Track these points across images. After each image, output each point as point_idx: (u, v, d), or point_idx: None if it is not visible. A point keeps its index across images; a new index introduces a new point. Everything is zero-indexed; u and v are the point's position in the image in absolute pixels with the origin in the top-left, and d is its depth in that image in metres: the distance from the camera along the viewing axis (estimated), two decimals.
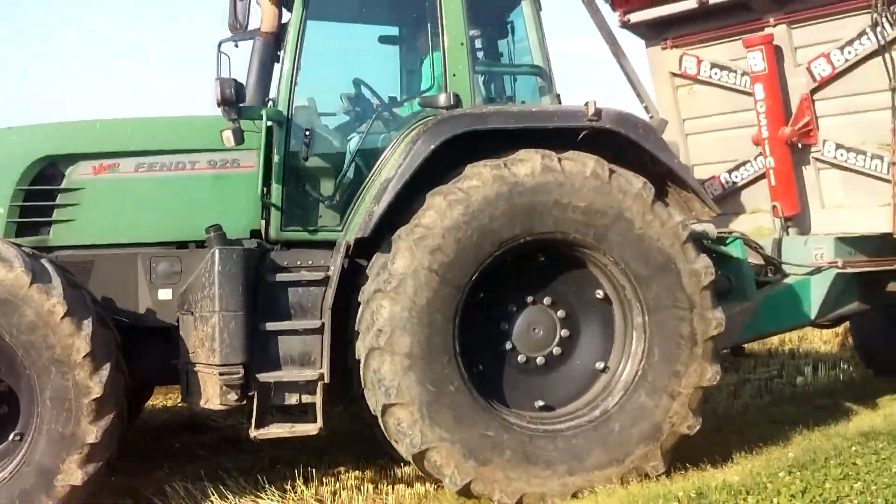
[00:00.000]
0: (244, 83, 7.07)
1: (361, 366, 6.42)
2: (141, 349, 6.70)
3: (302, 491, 6.89)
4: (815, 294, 8.58)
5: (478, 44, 7.97)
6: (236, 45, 7.31)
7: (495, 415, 6.52)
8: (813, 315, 8.64)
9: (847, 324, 11.31)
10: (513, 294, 6.79)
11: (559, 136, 6.74)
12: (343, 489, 6.94)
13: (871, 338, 10.99)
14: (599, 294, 6.83)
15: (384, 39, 7.97)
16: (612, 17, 9.63)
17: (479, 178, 6.37)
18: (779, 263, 8.71)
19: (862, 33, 8.21)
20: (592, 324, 6.88)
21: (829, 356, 12.40)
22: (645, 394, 6.64)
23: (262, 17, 7.18)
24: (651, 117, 9.91)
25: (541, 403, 6.76)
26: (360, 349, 6.40)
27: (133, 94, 33.39)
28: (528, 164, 6.44)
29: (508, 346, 6.80)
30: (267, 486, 6.93)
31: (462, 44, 7.01)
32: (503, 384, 6.78)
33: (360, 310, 6.45)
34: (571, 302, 6.86)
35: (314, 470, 7.27)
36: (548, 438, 6.55)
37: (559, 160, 6.49)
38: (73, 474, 5.93)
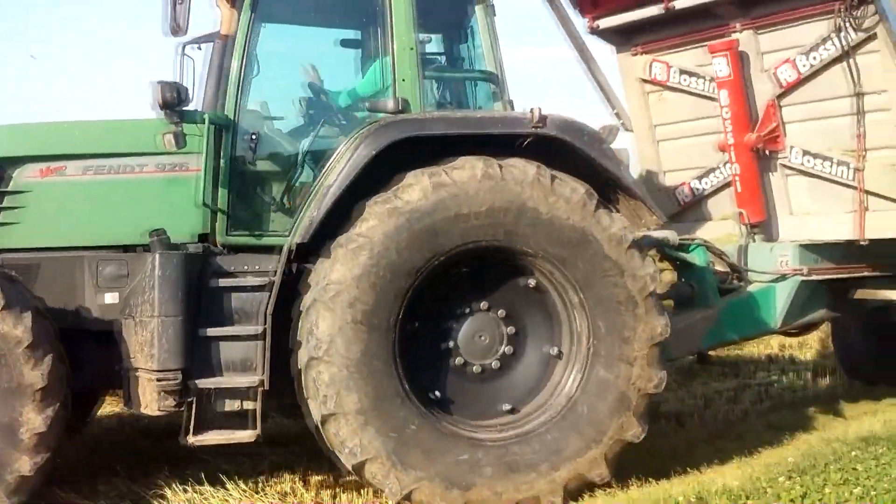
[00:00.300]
0: (204, 86, 6.87)
1: (321, 431, 6.20)
2: (88, 353, 6.47)
3: (302, 494, 6.74)
4: (780, 302, 8.33)
5: (439, 48, 7.76)
6: (198, 48, 7.11)
7: (464, 437, 6.32)
8: (777, 323, 8.37)
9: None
10: (447, 311, 6.55)
11: (505, 143, 6.48)
12: (343, 492, 6.76)
13: (850, 347, 10.67)
14: (531, 283, 6.57)
15: (345, 43, 7.71)
16: (582, 24, 9.40)
17: (375, 217, 6.12)
18: (743, 271, 8.44)
19: (826, 38, 7.92)
20: (535, 314, 6.64)
21: (829, 362, 12.05)
22: (602, 368, 6.41)
23: (220, 19, 6.96)
24: (622, 124, 9.76)
25: (507, 407, 6.53)
26: (315, 416, 6.18)
27: (133, 95, 33.23)
28: (416, 187, 6.17)
29: (459, 361, 6.54)
30: (267, 489, 6.80)
31: (411, 49, 6.74)
32: (465, 401, 6.55)
33: (303, 378, 6.20)
34: (507, 299, 6.61)
35: (314, 473, 7.11)
36: (522, 442, 6.34)
37: (446, 173, 6.22)
38: (34, 422, 5.81)
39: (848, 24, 7.66)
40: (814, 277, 8.33)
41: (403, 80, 6.73)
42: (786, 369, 11.88)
